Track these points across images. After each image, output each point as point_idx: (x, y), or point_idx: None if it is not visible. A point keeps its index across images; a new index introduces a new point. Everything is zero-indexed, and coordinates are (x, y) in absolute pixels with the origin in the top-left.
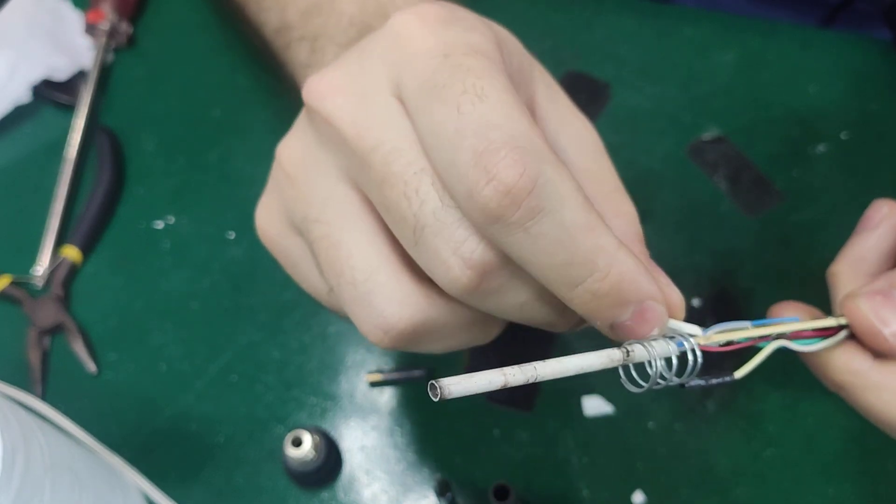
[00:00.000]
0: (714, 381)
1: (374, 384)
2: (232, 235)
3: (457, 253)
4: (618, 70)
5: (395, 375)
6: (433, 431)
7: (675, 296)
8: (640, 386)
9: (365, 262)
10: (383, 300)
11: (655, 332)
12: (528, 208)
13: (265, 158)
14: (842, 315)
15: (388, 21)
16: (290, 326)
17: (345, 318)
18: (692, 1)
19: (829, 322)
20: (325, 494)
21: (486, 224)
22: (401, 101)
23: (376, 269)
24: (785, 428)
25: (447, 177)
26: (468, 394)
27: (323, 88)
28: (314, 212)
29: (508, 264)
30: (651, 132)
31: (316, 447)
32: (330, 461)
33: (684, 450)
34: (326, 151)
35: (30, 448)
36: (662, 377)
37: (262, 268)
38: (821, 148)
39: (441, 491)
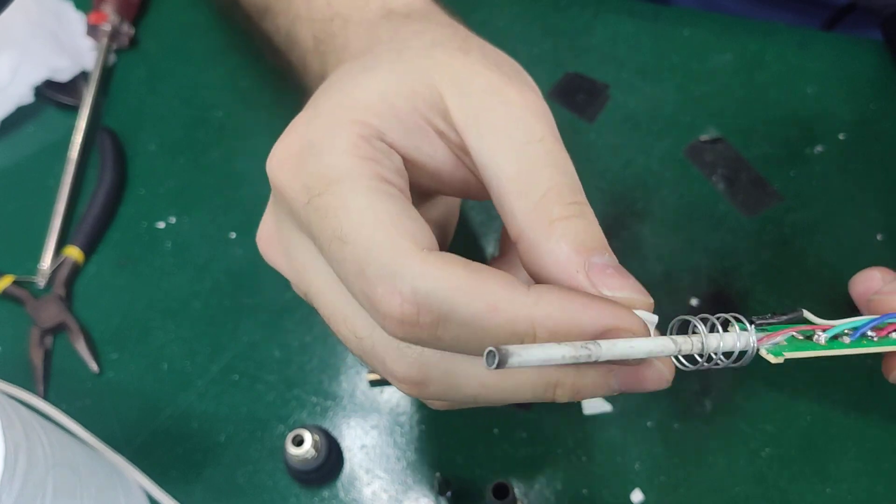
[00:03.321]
0: (784, 316)
1: (374, 383)
2: (233, 235)
3: (385, 372)
4: (616, 71)
5: None
6: (433, 430)
7: (637, 299)
8: (688, 367)
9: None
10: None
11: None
12: (426, 324)
13: (266, 159)
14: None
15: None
16: (291, 326)
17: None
18: (691, 2)
19: None
20: (325, 493)
21: (411, 344)
22: None
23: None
24: (783, 427)
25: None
26: (528, 365)
27: (261, 243)
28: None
29: (434, 370)
30: (649, 133)
31: (317, 446)
32: (331, 460)
33: (683, 449)
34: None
35: (32, 447)
36: (716, 363)
37: (263, 268)
38: (818, 149)
39: (441, 489)
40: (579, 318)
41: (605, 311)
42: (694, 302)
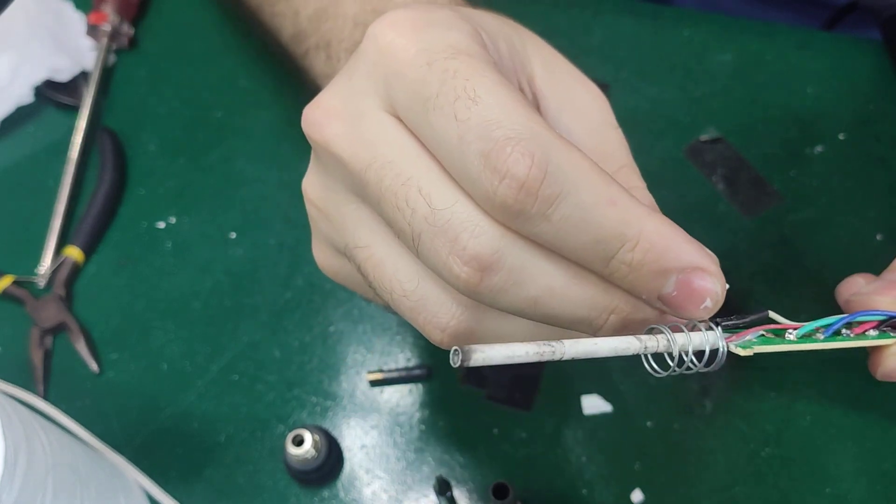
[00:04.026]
0: (749, 317)
1: (374, 383)
2: (233, 235)
3: (453, 252)
4: (617, 71)
5: (395, 374)
6: (433, 430)
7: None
8: (660, 373)
9: (410, 274)
10: (435, 305)
11: (708, 303)
12: (545, 197)
13: (266, 159)
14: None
15: (367, 33)
16: (291, 326)
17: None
18: (691, 3)
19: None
20: (325, 493)
21: (509, 221)
22: (396, 115)
23: (423, 278)
24: (782, 427)
25: (463, 183)
26: (490, 363)
27: (317, 117)
28: (351, 238)
29: (508, 257)
30: (649, 133)
31: (317, 446)
32: (331, 460)
33: (683, 449)
34: (335, 178)
35: (32, 447)
36: (688, 367)
37: (263, 267)
38: (818, 149)
39: (441, 490)
40: (680, 246)
41: (701, 250)
42: None
